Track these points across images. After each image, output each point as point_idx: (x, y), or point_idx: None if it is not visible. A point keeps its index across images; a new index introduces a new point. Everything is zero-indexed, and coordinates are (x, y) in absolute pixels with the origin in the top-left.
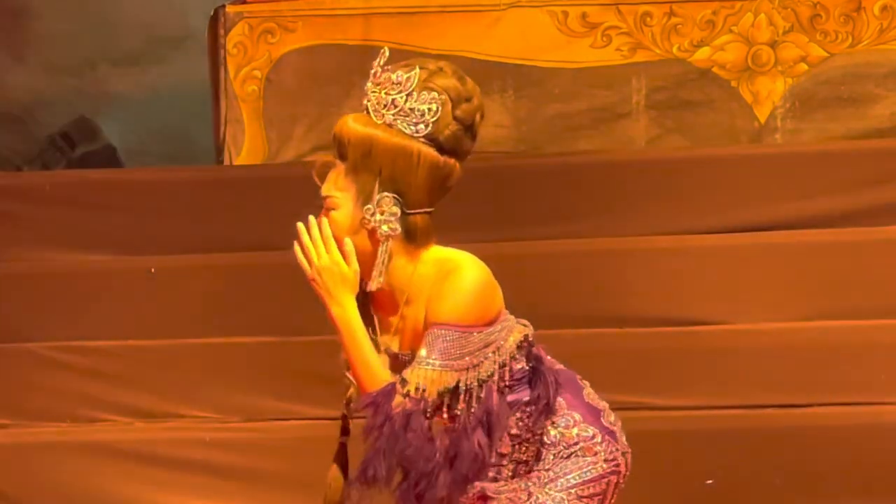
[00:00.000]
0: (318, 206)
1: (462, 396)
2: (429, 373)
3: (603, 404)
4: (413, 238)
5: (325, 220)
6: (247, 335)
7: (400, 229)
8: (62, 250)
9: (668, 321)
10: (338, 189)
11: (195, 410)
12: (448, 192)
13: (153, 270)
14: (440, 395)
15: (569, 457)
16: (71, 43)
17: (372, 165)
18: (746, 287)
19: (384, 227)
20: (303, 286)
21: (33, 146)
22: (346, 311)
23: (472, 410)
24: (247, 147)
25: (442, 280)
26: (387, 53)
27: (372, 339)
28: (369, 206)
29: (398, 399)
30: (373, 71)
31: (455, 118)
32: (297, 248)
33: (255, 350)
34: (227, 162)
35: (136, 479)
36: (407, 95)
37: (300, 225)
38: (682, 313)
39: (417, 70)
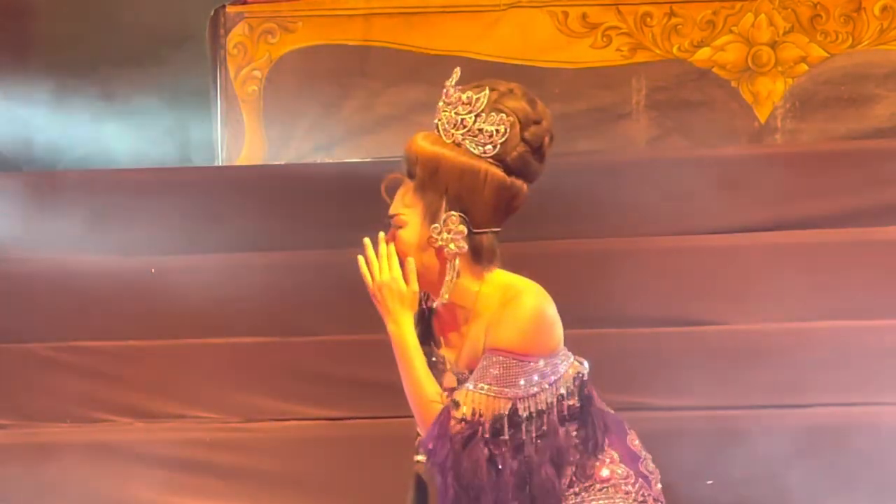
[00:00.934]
0: (385, 223)
1: (523, 425)
2: (480, 397)
3: (645, 454)
4: (479, 257)
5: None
6: (247, 335)
7: (466, 247)
8: (62, 250)
9: (668, 321)
10: (405, 206)
11: (195, 410)
12: (515, 213)
13: (153, 270)
14: (495, 420)
15: (599, 490)
16: (72, 44)
17: (439, 184)
18: (746, 287)
19: (451, 246)
20: (303, 286)
21: (33, 146)
22: (402, 328)
23: (537, 442)
24: (247, 147)
25: (504, 305)
26: (458, 73)
27: (436, 355)
28: (436, 224)
29: (453, 423)
30: (444, 90)
31: (523, 140)
32: (361, 261)
33: (255, 350)
34: (227, 162)
35: (137, 479)
36: (476, 116)
37: (366, 240)
38: (682, 313)
39: (487, 91)
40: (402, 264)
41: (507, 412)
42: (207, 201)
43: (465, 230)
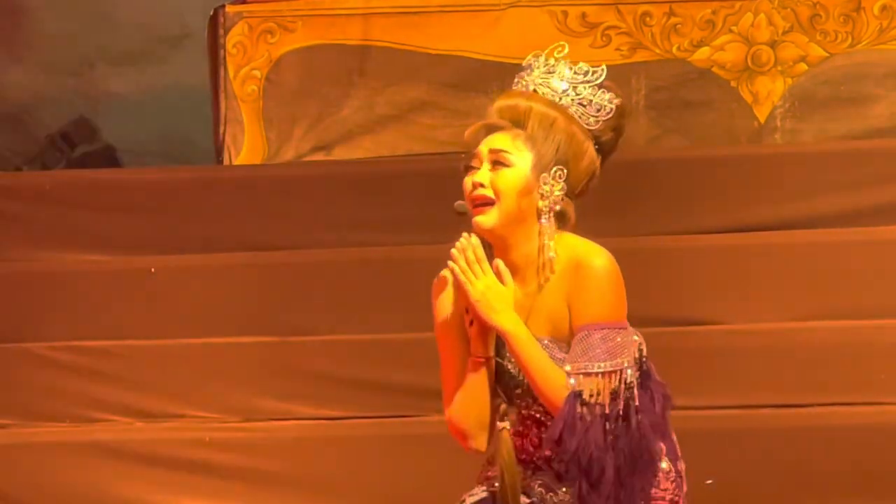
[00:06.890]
0: (464, 166)
1: (636, 390)
2: (595, 379)
3: (679, 451)
4: (564, 221)
5: (475, 241)
6: (247, 335)
7: (560, 207)
8: (62, 250)
9: (668, 321)
10: (515, 149)
11: (195, 410)
12: (582, 197)
13: (153, 270)
14: (613, 395)
15: None
16: (69, 42)
17: (552, 141)
18: (746, 287)
19: (557, 200)
20: (302, 286)
21: (33, 146)
22: (516, 324)
23: (640, 417)
24: (247, 147)
25: (577, 273)
26: (567, 47)
27: None
28: (546, 174)
29: (578, 410)
30: (543, 57)
31: (616, 128)
32: (456, 269)
33: (255, 350)
34: (227, 162)
35: (136, 479)
36: (592, 87)
37: (455, 251)
38: (682, 313)
39: (605, 67)
40: (484, 246)
41: (623, 383)
42: (207, 201)
43: (565, 188)
